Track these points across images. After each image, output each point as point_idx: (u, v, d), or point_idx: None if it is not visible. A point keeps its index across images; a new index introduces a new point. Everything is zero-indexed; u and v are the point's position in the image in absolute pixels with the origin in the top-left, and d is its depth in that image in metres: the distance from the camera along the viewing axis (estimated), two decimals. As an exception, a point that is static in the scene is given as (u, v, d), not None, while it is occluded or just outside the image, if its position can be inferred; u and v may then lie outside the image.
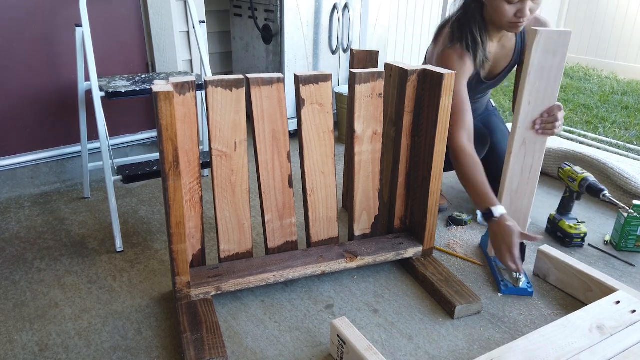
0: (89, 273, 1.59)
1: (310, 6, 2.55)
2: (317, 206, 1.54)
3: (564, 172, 1.83)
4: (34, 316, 1.39)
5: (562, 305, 1.48)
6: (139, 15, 2.33)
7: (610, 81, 4.42)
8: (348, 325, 1.21)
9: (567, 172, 1.80)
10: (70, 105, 2.27)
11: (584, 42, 5.02)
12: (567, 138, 2.89)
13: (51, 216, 1.93)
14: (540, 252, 1.58)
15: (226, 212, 1.43)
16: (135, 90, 1.79)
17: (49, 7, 2.09)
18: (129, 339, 1.32)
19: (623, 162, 2.33)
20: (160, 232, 1.83)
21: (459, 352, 1.29)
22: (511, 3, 1.56)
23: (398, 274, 1.61)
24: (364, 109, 1.50)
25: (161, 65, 2.40)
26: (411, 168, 1.60)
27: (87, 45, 1.71)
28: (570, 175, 1.78)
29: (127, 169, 1.74)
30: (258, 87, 1.37)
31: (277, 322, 1.39)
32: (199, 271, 1.44)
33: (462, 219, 1.90)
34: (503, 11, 1.57)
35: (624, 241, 1.73)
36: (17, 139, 2.20)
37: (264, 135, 1.42)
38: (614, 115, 3.38)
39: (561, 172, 1.85)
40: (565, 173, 1.82)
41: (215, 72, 3.03)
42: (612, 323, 1.24)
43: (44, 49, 2.14)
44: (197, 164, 1.35)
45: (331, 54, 2.74)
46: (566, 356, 1.13)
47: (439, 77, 1.41)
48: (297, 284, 1.55)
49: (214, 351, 1.20)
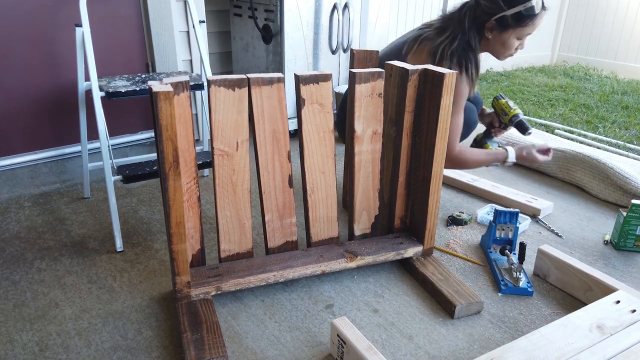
0: (89, 273, 1.59)
1: (310, 6, 2.55)
2: (317, 206, 1.54)
3: (498, 103, 2.00)
4: (34, 316, 1.39)
5: (562, 305, 1.48)
6: (139, 15, 2.33)
7: (610, 81, 4.42)
8: (348, 325, 1.21)
9: (501, 105, 1.99)
10: (70, 105, 2.27)
11: (584, 42, 5.03)
12: (567, 138, 2.89)
13: (51, 216, 1.93)
14: (540, 251, 1.58)
15: (227, 211, 1.43)
16: (135, 90, 1.79)
17: (49, 7, 2.09)
18: (129, 339, 1.32)
19: (623, 161, 2.33)
20: (160, 232, 1.83)
21: (459, 352, 1.29)
22: (520, 39, 1.74)
23: (398, 273, 1.61)
24: (364, 109, 1.50)
25: (161, 65, 2.40)
26: (411, 168, 1.60)
27: (87, 45, 1.71)
28: (504, 108, 1.97)
29: (127, 169, 1.74)
30: (258, 87, 1.37)
31: (277, 322, 1.39)
32: (199, 271, 1.44)
33: (462, 219, 1.90)
34: (511, 46, 1.75)
35: (623, 240, 1.74)
36: (17, 139, 2.20)
37: (264, 135, 1.42)
38: (614, 114, 3.38)
39: (495, 102, 2.02)
40: (499, 105, 2.00)
41: (215, 72, 3.03)
42: (612, 323, 1.24)
43: (44, 49, 2.14)
44: (193, 164, 1.35)
45: (331, 53, 2.74)
46: (566, 356, 1.13)
47: (440, 76, 1.41)
48: (297, 284, 1.55)
49: (214, 351, 1.20)
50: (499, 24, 1.69)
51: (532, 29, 1.71)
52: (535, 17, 1.67)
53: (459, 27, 1.72)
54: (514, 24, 1.68)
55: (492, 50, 1.80)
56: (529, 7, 1.64)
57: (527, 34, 1.72)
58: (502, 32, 1.71)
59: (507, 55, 1.79)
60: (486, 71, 4.78)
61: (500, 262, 1.63)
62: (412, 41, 1.82)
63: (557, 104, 3.65)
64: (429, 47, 1.75)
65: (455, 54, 1.71)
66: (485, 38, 1.75)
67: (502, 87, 4.10)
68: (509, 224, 1.64)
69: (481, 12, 1.70)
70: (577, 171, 2.24)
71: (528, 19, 1.67)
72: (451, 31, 1.73)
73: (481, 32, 1.74)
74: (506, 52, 1.77)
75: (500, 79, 4.45)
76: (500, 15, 1.67)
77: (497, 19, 1.68)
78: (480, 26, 1.73)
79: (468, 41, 1.73)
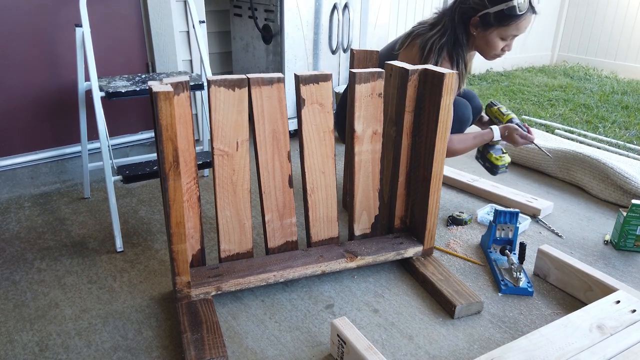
0: (89, 273, 1.59)
1: (310, 6, 2.55)
2: (317, 206, 1.54)
3: (490, 111, 2.03)
4: (34, 316, 1.39)
5: (562, 305, 1.48)
6: (139, 15, 2.33)
7: (610, 81, 4.42)
8: (348, 325, 1.21)
9: (494, 112, 2.01)
10: (70, 105, 2.27)
11: (584, 42, 5.03)
12: (567, 138, 2.89)
13: (51, 216, 1.93)
14: (540, 251, 1.58)
15: (227, 211, 1.43)
16: (135, 90, 1.79)
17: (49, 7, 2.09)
18: (129, 339, 1.32)
19: (623, 161, 2.33)
20: (160, 232, 1.83)
21: (459, 352, 1.29)
22: (504, 40, 1.72)
23: (398, 273, 1.61)
24: (364, 109, 1.50)
25: (161, 65, 2.40)
26: (411, 168, 1.60)
27: (87, 45, 1.71)
28: (497, 115, 1.99)
29: (127, 169, 1.74)
30: (258, 87, 1.37)
31: (277, 322, 1.39)
32: (199, 271, 1.44)
33: (462, 219, 1.90)
34: (495, 45, 1.74)
35: (623, 240, 1.74)
36: (17, 139, 2.20)
37: (264, 135, 1.42)
38: (614, 114, 3.38)
39: (488, 110, 2.04)
40: (492, 112, 2.02)
41: (215, 72, 3.03)
42: (612, 323, 1.24)
43: (44, 49, 2.14)
44: (193, 164, 1.35)
45: (331, 53, 2.74)
46: (566, 356, 1.13)
47: (440, 76, 1.41)
48: (297, 284, 1.55)
49: (214, 351, 1.20)
50: (482, 21, 1.69)
51: (515, 30, 1.69)
52: (519, 18, 1.65)
53: (449, 22, 1.73)
54: (496, 22, 1.67)
55: (478, 48, 1.79)
56: (511, 7, 1.63)
57: (511, 35, 1.70)
58: (485, 30, 1.71)
59: (493, 55, 1.77)
60: (486, 71, 4.78)
61: (501, 262, 1.63)
62: (405, 37, 1.82)
63: (557, 104, 3.65)
64: (419, 41, 1.76)
65: (445, 48, 1.72)
66: (472, 35, 1.75)
67: (502, 87, 4.10)
68: (509, 224, 1.64)
69: (468, 7, 1.70)
70: (577, 171, 2.24)
71: (510, 19, 1.66)
72: (442, 25, 1.74)
73: (468, 28, 1.74)
74: (491, 51, 1.76)
75: (500, 79, 4.45)
76: (484, 12, 1.67)
77: (481, 15, 1.68)
78: (467, 22, 1.73)
79: (457, 36, 1.73)
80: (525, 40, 4.92)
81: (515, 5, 1.62)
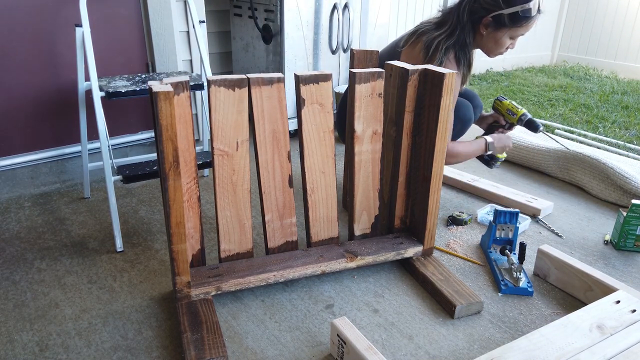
0: (89, 273, 1.59)
1: (310, 6, 2.55)
2: (317, 206, 1.54)
3: (502, 104, 2.00)
4: (34, 316, 1.39)
5: (562, 305, 1.48)
6: (139, 15, 2.33)
7: (610, 81, 4.42)
8: (348, 325, 1.21)
9: (507, 105, 1.99)
10: (70, 105, 2.27)
11: (584, 42, 5.03)
12: (567, 137, 2.89)
13: (51, 216, 1.93)
14: (540, 251, 1.58)
15: (227, 211, 1.43)
16: (135, 90, 1.79)
17: (48, 7, 2.09)
18: (129, 339, 1.32)
19: (623, 161, 2.33)
20: (160, 232, 1.83)
21: (459, 352, 1.29)
22: (513, 39, 1.76)
23: (398, 273, 1.61)
24: (364, 109, 1.50)
25: (161, 65, 2.40)
26: (411, 168, 1.60)
27: (87, 45, 1.71)
28: (510, 108, 1.98)
29: (127, 169, 1.74)
30: (258, 87, 1.37)
31: (277, 322, 1.39)
32: (199, 271, 1.44)
33: (462, 219, 1.90)
34: (504, 44, 1.77)
35: (623, 240, 1.74)
36: (17, 139, 2.20)
37: (264, 135, 1.42)
38: (614, 114, 3.38)
39: (499, 103, 2.02)
40: (503, 106, 2.00)
41: (215, 72, 3.03)
42: (612, 323, 1.24)
43: (44, 49, 2.14)
44: (193, 164, 1.35)
45: (331, 53, 2.74)
46: (566, 356, 1.13)
47: (440, 76, 1.41)
48: (297, 284, 1.55)
49: (214, 351, 1.20)
50: (495, 21, 1.70)
51: (525, 30, 1.73)
52: (531, 19, 1.69)
53: (457, 21, 1.74)
54: (510, 23, 1.69)
55: (484, 47, 1.81)
56: (527, 9, 1.65)
57: (519, 35, 1.74)
58: (496, 30, 1.72)
59: (498, 53, 1.81)
60: (486, 71, 4.78)
61: (500, 262, 1.63)
62: (410, 35, 1.82)
63: (557, 104, 3.65)
64: (424, 39, 1.75)
65: (451, 49, 1.73)
66: (479, 34, 1.76)
67: (502, 87, 4.10)
68: (509, 224, 1.64)
69: (479, 7, 1.71)
70: (577, 171, 2.24)
71: (524, 20, 1.68)
72: (449, 25, 1.74)
73: (476, 27, 1.75)
74: (497, 50, 1.79)
75: (500, 79, 4.45)
76: (498, 13, 1.68)
77: (494, 16, 1.69)
78: (476, 21, 1.73)
79: (464, 36, 1.74)
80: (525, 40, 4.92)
81: (531, 8, 1.65)
